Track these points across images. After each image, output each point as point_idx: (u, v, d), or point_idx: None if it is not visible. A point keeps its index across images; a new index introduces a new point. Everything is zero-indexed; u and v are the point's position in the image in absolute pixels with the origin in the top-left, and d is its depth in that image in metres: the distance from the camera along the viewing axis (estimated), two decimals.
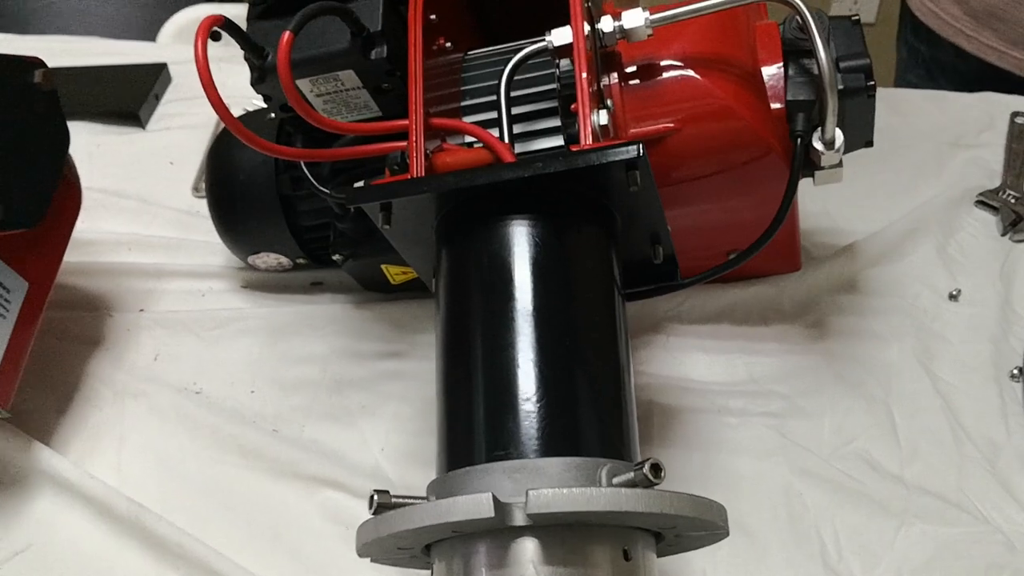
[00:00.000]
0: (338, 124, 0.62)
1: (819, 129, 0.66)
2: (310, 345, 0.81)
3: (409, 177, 0.59)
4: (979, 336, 0.80)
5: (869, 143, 0.73)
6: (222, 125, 0.96)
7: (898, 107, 1.04)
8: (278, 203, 0.77)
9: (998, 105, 1.05)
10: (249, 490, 0.72)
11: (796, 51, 0.68)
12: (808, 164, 0.68)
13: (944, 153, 0.99)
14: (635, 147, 0.53)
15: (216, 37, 0.58)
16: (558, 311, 0.54)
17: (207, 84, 0.54)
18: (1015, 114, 1.04)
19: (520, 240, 0.56)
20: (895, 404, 0.75)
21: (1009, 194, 0.93)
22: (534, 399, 0.51)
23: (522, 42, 0.75)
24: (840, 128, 0.71)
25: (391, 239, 0.60)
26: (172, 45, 1.40)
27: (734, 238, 0.78)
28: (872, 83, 0.68)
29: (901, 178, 0.95)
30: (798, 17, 0.66)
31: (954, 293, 0.84)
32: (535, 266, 0.55)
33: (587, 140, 0.58)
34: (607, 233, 0.60)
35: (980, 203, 0.93)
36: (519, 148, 0.69)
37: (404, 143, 0.62)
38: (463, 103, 0.72)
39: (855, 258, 0.86)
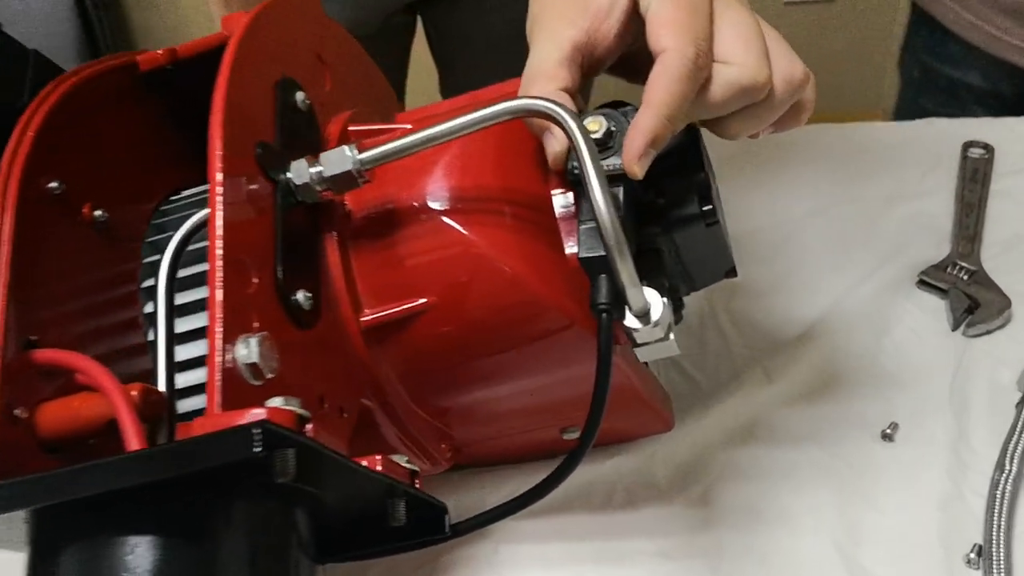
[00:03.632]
0: None
1: None
2: None
3: None
4: (922, 498, 0.58)
5: (731, 273, 0.51)
6: None
7: (797, 152, 0.82)
8: None
9: (945, 136, 0.82)
10: None
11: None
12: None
13: (875, 212, 0.77)
14: (255, 434, 0.32)
15: None
16: None
17: None
18: (968, 145, 0.81)
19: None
20: None
21: (961, 268, 0.71)
22: None
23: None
24: (681, 270, 0.50)
25: None
26: None
27: (565, 411, 0.57)
28: (709, 207, 0.47)
29: (819, 257, 0.74)
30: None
31: (888, 431, 0.62)
32: None
33: (215, 403, 0.36)
34: (289, 511, 0.39)
35: (923, 283, 0.71)
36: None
37: None
38: (145, 284, 0.51)
39: (756, 390, 0.64)
